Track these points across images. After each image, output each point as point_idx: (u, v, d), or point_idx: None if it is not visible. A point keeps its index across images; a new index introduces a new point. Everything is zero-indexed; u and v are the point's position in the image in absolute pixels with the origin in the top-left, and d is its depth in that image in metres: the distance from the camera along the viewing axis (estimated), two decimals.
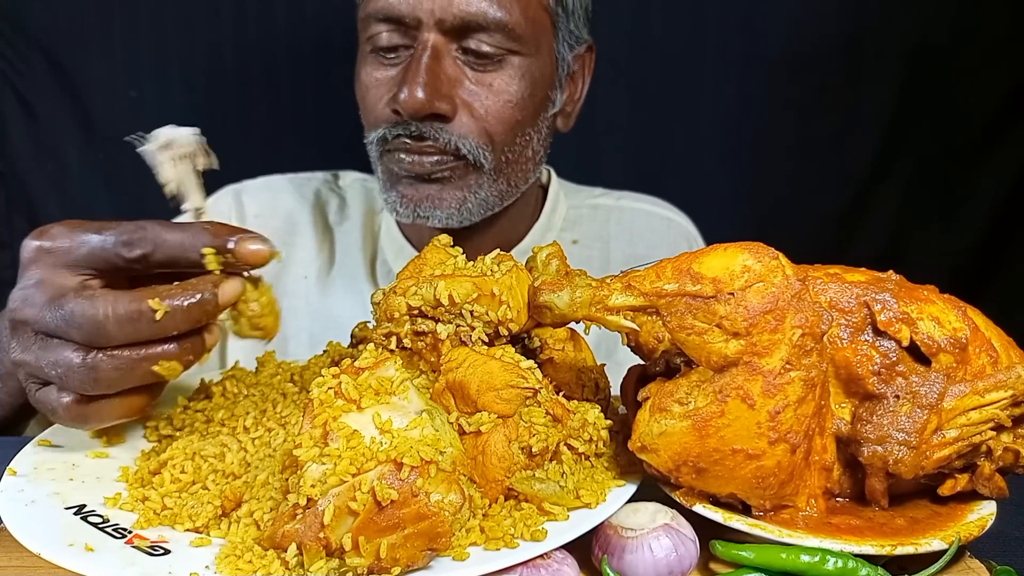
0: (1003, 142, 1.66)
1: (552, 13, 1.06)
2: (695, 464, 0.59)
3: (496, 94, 1.02)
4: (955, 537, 0.60)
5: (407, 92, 0.97)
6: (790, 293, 0.57)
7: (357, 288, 1.20)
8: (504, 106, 1.02)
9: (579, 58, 1.14)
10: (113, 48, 1.55)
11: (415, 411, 0.57)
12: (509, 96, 1.02)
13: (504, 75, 1.02)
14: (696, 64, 1.61)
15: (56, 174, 1.59)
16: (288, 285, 1.21)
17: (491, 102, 1.01)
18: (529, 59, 1.03)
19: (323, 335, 1.13)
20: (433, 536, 0.53)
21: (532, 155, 1.10)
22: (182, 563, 0.54)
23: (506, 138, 1.04)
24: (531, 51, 1.03)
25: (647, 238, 1.28)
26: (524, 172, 1.10)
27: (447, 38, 0.99)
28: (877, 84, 1.63)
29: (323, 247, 1.23)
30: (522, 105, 1.03)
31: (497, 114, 1.02)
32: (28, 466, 0.65)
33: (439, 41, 0.99)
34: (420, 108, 0.97)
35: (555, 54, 1.08)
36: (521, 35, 1.01)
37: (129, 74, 1.56)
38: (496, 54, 1.00)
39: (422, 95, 0.96)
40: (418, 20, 0.99)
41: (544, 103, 1.08)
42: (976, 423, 0.62)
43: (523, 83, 1.03)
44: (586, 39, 1.13)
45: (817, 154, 1.66)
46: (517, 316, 0.64)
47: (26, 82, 1.56)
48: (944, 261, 1.68)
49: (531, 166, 1.10)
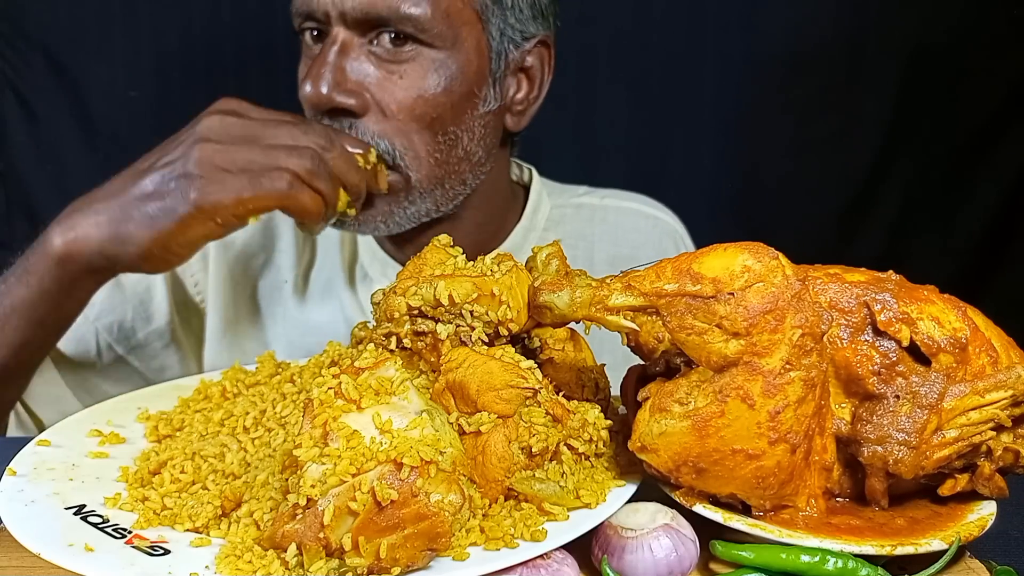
0: (1003, 142, 1.66)
1: (479, 7, 1.00)
2: (695, 464, 0.59)
3: (405, 89, 0.97)
4: (955, 537, 0.60)
5: (310, 86, 0.96)
6: (790, 293, 0.57)
7: (335, 294, 1.18)
8: (415, 101, 0.97)
9: (529, 54, 1.07)
10: (113, 48, 1.55)
11: (415, 411, 0.57)
12: (419, 90, 0.98)
13: (415, 67, 0.97)
14: (696, 64, 1.61)
15: (56, 174, 1.59)
16: (269, 291, 1.19)
17: (402, 97, 0.97)
18: (444, 52, 0.98)
19: (301, 341, 1.14)
20: (433, 536, 0.53)
21: (465, 155, 1.04)
22: (182, 563, 0.54)
23: (424, 138, 0.99)
24: (447, 44, 0.98)
25: (631, 238, 1.24)
26: (458, 174, 1.04)
27: (353, 32, 0.97)
28: (877, 84, 1.63)
29: (304, 252, 1.20)
30: (435, 101, 0.98)
31: (408, 109, 0.97)
32: (28, 466, 0.65)
33: (347, 36, 0.97)
34: (319, 101, 0.95)
35: (486, 49, 1.02)
36: (430, 28, 0.97)
37: (129, 74, 1.56)
38: (405, 48, 0.97)
39: (324, 89, 0.95)
40: (326, 14, 0.97)
41: (469, 99, 1.02)
42: (976, 423, 0.62)
43: (437, 77, 0.98)
44: (537, 34, 1.07)
45: (817, 154, 1.66)
46: (517, 316, 0.64)
47: (26, 82, 1.56)
48: (944, 261, 1.68)
49: (466, 167, 1.04)
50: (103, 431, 0.72)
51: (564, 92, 1.52)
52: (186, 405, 0.76)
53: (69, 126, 1.57)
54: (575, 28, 1.64)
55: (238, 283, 1.17)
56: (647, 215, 1.27)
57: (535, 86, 1.10)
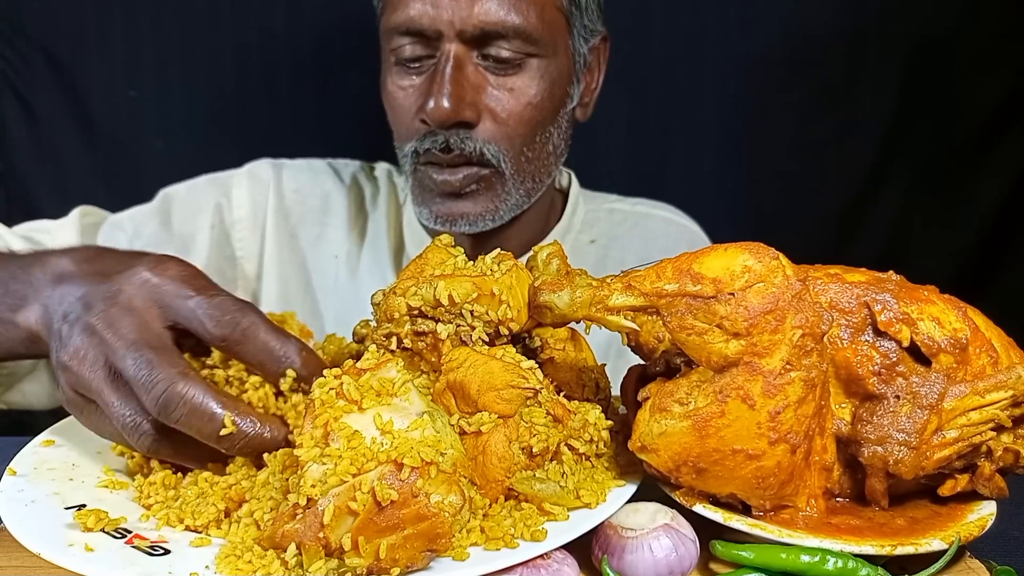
0: (1003, 142, 1.66)
1: (566, 12, 1.09)
2: (695, 464, 0.59)
3: (516, 97, 1.06)
4: (955, 537, 0.60)
5: (434, 103, 1.01)
6: (790, 293, 0.57)
7: (382, 274, 1.24)
8: (525, 108, 1.06)
9: (594, 49, 1.17)
10: (113, 48, 1.55)
11: (416, 412, 0.57)
12: (529, 98, 1.06)
13: (524, 78, 1.06)
14: (696, 64, 1.60)
15: (56, 174, 1.59)
16: (319, 263, 1.25)
17: (512, 105, 1.06)
18: (547, 60, 1.07)
19: (348, 316, 1.19)
20: (433, 537, 0.53)
21: (553, 150, 1.14)
22: (182, 563, 0.54)
23: (526, 139, 1.08)
24: (548, 52, 1.07)
25: (661, 243, 1.30)
26: (547, 167, 1.14)
27: (467, 47, 1.04)
28: (877, 84, 1.63)
29: (354, 229, 1.27)
30: (542, 106, 1.08)
31: (518, 116, 1.06)
32: (28, 466, 0.65)
33: (460, 51, 1.03)
34: (447, 117, 1.02)
35: (571, 51, 1.12)
36: (538, 39, 1.05)
37: (129, 74, 1.56)
38: (515, 59, 1.05)
39: (448, 105, 1.01)
40: (439, 32, 1.03)
41: (563, 100, 1.12)
42: (976, 423, 0.62)
43: (542, 84, 1.07)
44: (600, 30, 1.17)
45: (817, 154, 1.65)
46: (517, 316, 0.64)
47: (26, 82, 1.56)
48: (944, 261, 1.68)
49: (552, 160, 1.14)
50: None
51: None
52: None
53: (69, 126, 1.57)
54: None
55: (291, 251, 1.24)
56: (676, 223, 1.34)
57: (594, 77, 1.21)
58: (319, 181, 1.29)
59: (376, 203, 1.29)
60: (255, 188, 1.24)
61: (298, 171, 1.29)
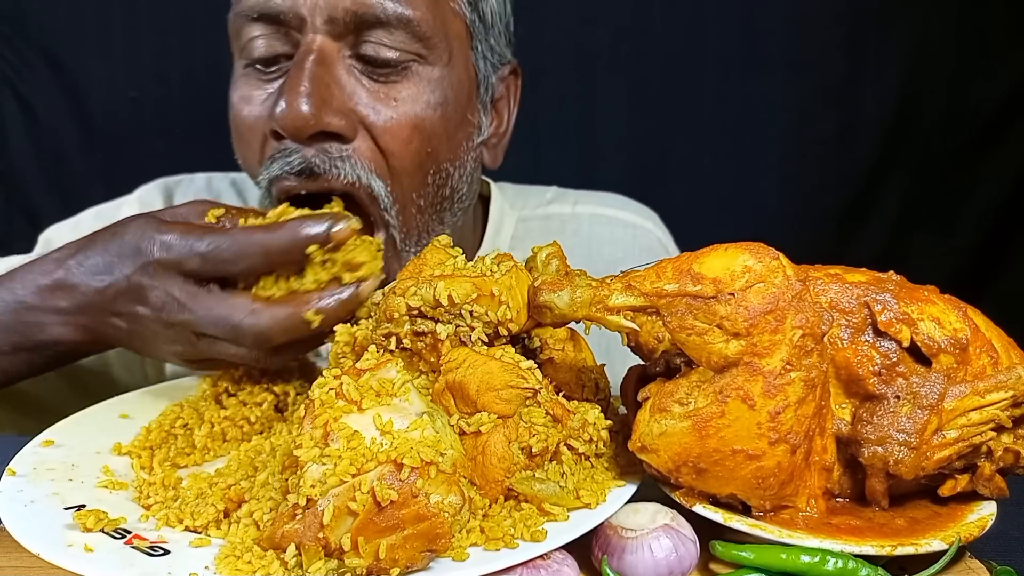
0: (1003, 142, 1.66)
1: (467, 21, 0.88)
2: (695, 464, 0.59)
3: (401, 112, 0.82)
4: (955, 537, 0.60)
5: (286, 103, 0.77)
6: (791, 293, 0.57)
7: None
8: (412, 130, 0.83)
9: (503, 81, 0.97)
10: (113, 48, 1.55)
11: (416, 413, 0.57)
12: (416, 116, 0.83)
13: (410, 87, 0.83)
14: (696, 64, 1.61)
15: (56, 174, 1.59)
16: None
17: (395, 123, 0.82)
18: (440, 69, 0.85)
19: None
20: (432, 537, 0.53)
21: (451, 193, 0.90)
22: (181, 563, 0.54)
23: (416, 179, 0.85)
24: (442, 58, 0.85)
25: (607, 251, 1.10)
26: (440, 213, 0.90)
27: (338, 41, 0.81)
28: (877, 84, 1.63)
29: None
30: (434, 130, 0.85)
31: (404, 138, 0.82)
32: (28, 466, 0.65)
33: (328, 45, 0.80)
34: (304, 124, 0.78)
35: (473, 68, 0.90)
36: (429, 35, 0.83)
37: (129, 74, 1.56)
38: (399, 60, 0.82)
39: (306, 108, 0.77)
40: (300, 18, 0.80)
41: (462, 128, 0.89)
42: (976, 424, 0.62)
43: (434, 97, 0.84)
44: (510, 60, 0.97)
45: (817, 154, 1.66)
46: (517, 316, 0.64)
47: (26, 82, 1.56)
48: (944, 261, 1.69)
49: (448, 206, 0.91)
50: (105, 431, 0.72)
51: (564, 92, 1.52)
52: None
53: (69, 126, 1.58)
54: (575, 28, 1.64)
55: None
56: (626, 223, 1.13)
57: (503, 119, 0.99)
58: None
59: None
60: None
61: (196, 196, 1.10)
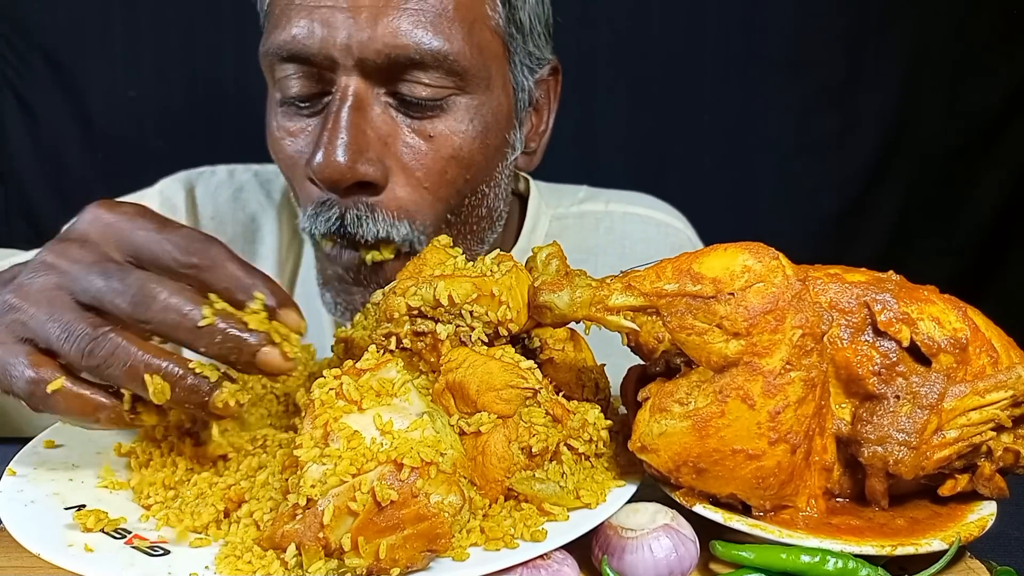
0: (1003, 142, 1.66)
1: (504, 35, 0.84)
2: (695, 464, 0.59)
3: (437, 148, 0.81)
4: (955, 537, 0.60)
5: (322, 156, 0.77)
6: (790, 293, 0.57)
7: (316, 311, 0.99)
8: (448, 163, 0.81)
9: (542, 83, 0.94)
10: (113, 48, 1.55)
11: (416, 413, 0.57)
12: (454, 149, 0.81)
13: (448, 121, 0.81)
14: (696, 64, 1.61)
15: (56, 174, 1.59)
16: None
17: (432, 159, 0.81)
18: (479, 97, 0.82)
19: None
20: (432, 537, 0.53)
21: (488, 213, 0.90)
22: (182, 563, 0.54)
23: (450, 204, 0.84)
24: (480, 87, 0.82)
25: (640, 249, 1.11)
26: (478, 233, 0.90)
27: (371, 82, 0.79)
28: (877, 84, 1.63)
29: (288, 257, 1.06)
30: (472, 159, 0.83)
31: (439, 174, 0.81)
32: (28, 466, 0.65)
33: (361, 87, 0.78)
34: (341, 177, 0.77)
35: (511, 85, 0.87)
36: (466, 68, 0.80)
37: (129, 74, 1.56)
38: (436, 97, 0.80)
39: (343, 159, 0.76)
40: (332, 60, 0.77)
41: (500, 150, 0.87)
42: (976, 423, 0.62)
43: (472, 129, 0.82)
44: (548, 59, 0.93)
45: (817, 154, 1.66)
46: (517, 316, 0.64)
47: (26, 82, 1.56)
48: (944, 261, 1.69)
49: (486, 224, 0.91)
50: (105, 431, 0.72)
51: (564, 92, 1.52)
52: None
53: (69, 126, 1.58)
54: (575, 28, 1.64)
55: None
56: (657, 222, 1.14)
57: (543, 118, 0.96)
58: (242, 202, 1.08)
59: None
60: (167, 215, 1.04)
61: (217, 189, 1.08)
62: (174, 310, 0.55)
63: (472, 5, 0.81)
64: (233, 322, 0.57)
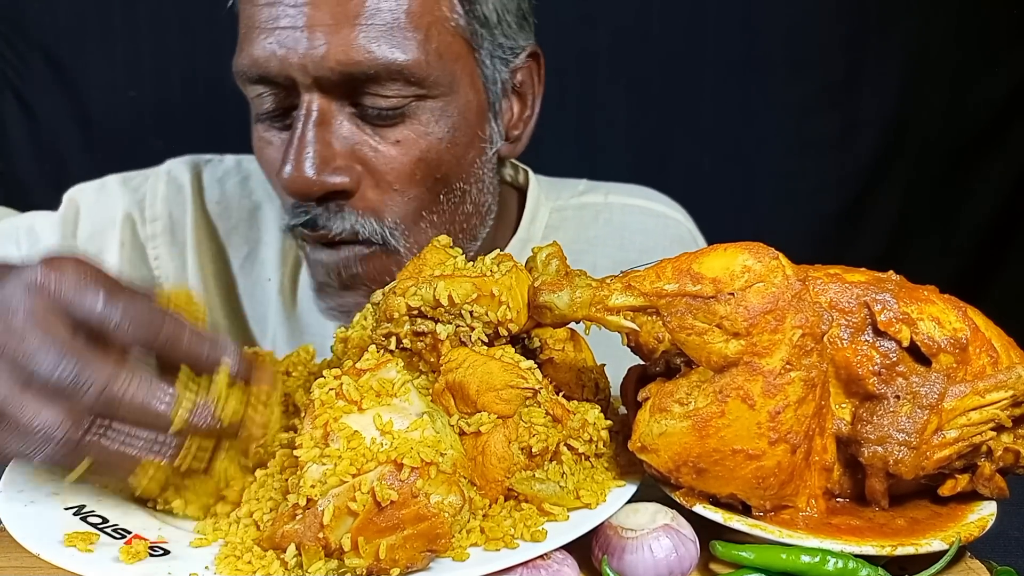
0: (1003, 142, 1.66)
1: (466, 34, 0.85)
2: (695, 464, 0.59)
3: (404, 152, 0.83)
4: (955, 537, 0.60)
5: (290, 169, 0.80)
6: (790, 293, 0.57)
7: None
8: (416, 165, 0.83)
9: (521, 70, 0.93)
10: (113, 48, 1.55)
11: (416, 413, 0.57)
12: (421, 151, 0.83)
13: (413, 126, 0.83)
14: (696, 64, 1.61)
15: (56, 174, 1.59)
16: (251, 288, 1.08)
17: (399, 164, 0.83)
18: (443, 100, 0.84)
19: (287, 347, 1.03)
20: (432, 537, 0.53)
21: (474, 209, 0.92)
22: (182, 563, 0.54)
23: (424, 202, 0.86)
24: (443, 90, 0.83)
25: (639, 240, 1.11)
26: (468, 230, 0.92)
27: (332, 97, 0.81)
28: (877, 84, 1.63)
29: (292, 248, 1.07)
30: (440, 160, 0.85)
31: (409, 176, 0.83)
32: (28, 466, 0.65)
33: (323, 102, 0.80)
34: (308, 189, 0.80)
35: (480, 81, 0.88)
36: (426, 75, 0.81)
37: (129, 74, 1.56)
38: (397, 106, 0.82)
39: (311, 173, 0.79)
40: (292, 80, 0.80)
41: (474, 145, 0.88)
42: (976, 423, 0.62)
43: (439, 130, 0.84)
44: (523, 45, 0.92)
45: (817, 154, 1.66)
46: (517, 316, 0.64)
47: (26, 82, 1.56)
48: (944, 261, 1.69)
49: (476, 220, 0.93)
50: None
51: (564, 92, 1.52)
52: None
53: (69, 126, 1.58)
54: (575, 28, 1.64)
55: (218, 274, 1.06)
56: (656, 214, 1.15)
57: (527, 104, 0.97)
58: (248, 190, 1.09)
59: None
60: (172, 198, 1.05)
61: (224, 176, 1.10)
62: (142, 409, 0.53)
63: (425, 12, 0.81)
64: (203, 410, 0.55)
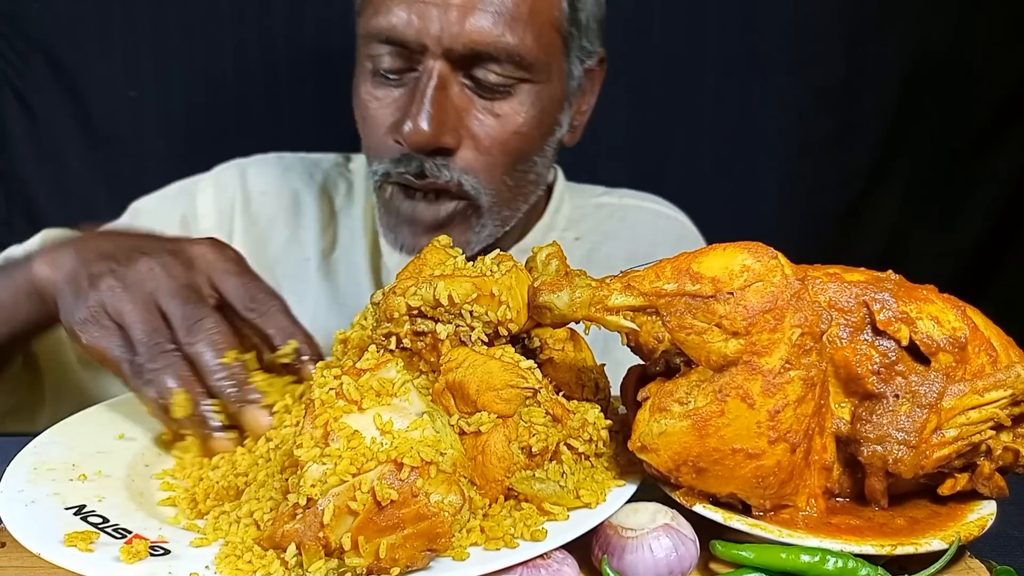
0: (1003, 142, 1.66)
1: (564, 33, 1.02)
2: (695, 464, 0.59)
3: (503, 124, 0.99)
4: (955, 537, 0.60)
5: (411, 125, 0.94)
6: (789, 292, 0.57)
7: (356, 279, 1.19)
8: (511, 137, 0.99)
9: (590, 72, 1.10)
10: (113, 48, 1.55)
11: (416, 412, 0.57)
12: (516, 126, 0.99)
13: (512, 103, 0.99)
14: (696, 64, 1.61)
15: (56, 174, 1.59)
16: (292, 267, 1.19)
17: (497, 132, 0.98)
18: (539, 86, 1.00)
19: (326, 319, 1.16)
20: (432, 537, 0.53)
21: (535, 178, 1.08)
22: (182, 563, 0.54)
23: (507, 169, 1.01)
24: (542, 77, 1.00)
25: (650, 236, 1.26)
26: (525, 195, 1.08)
27: (453, 67, 0.96)
28: (877, 84, 1.63)
29: (327, 231, 1.21)
30: (529, 135, 1.00)
31: (503, 145, 0.99)
32: (28, 466, 0.65)
33: (445, 70, 0.95)
34: (426, 143, 0.95)
35: (564, 75, 1.05)
36: (532, 63, 0.97)
37: (129, 74, 1.56)
38: (504, 84, 0.97)
39: (428, 128, 0.94)
40: (423, 47, 0.94)
41: (551, 128, 1.05)
42: (975, 422, 0.62)
43: (532, 111, 1.00)
44: (597, 51, 1.10)
45: (817, 154, 1.66)
46: (517, 316, 0.64)
47: (26, 82, 1.56)
48: (944, 261, 1.68)
49: (531, 188, 1.09)
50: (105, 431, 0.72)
51: None
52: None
53: (69, 126, 1.57)
54: None
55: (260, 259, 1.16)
56: (666, 215, 1.30)
57: (587, 100, 1.13)
58: (288, 179, 1.23)
59: (350, 200, 1.24)
60: (220, 196, 1.20)
61: (267, 169, 1.24)
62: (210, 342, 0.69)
63: (543, 9, 0.97)
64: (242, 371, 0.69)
